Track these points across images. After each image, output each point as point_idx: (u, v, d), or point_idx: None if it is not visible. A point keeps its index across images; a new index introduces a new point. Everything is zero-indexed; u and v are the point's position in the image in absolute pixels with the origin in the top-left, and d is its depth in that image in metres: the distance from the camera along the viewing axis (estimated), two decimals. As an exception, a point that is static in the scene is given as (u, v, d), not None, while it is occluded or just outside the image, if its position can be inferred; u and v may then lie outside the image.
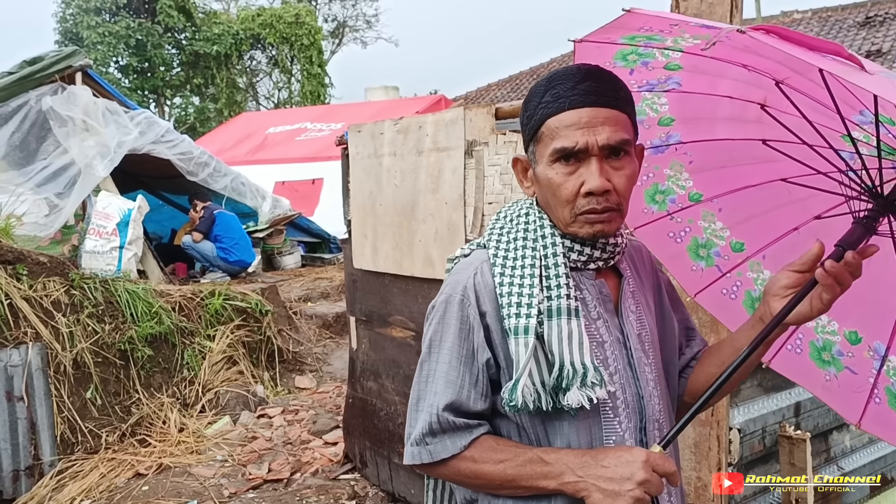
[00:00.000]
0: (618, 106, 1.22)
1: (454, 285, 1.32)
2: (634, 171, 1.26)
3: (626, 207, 1.26)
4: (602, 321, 1.31)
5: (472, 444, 1.27)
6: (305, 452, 4.51)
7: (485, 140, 3.20)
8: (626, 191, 1.24)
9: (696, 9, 2.19)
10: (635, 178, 1.26)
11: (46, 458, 4.36)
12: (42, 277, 4.67)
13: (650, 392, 1.32)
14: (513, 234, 1.32)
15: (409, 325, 3.75)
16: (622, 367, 1.30)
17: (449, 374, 1.28)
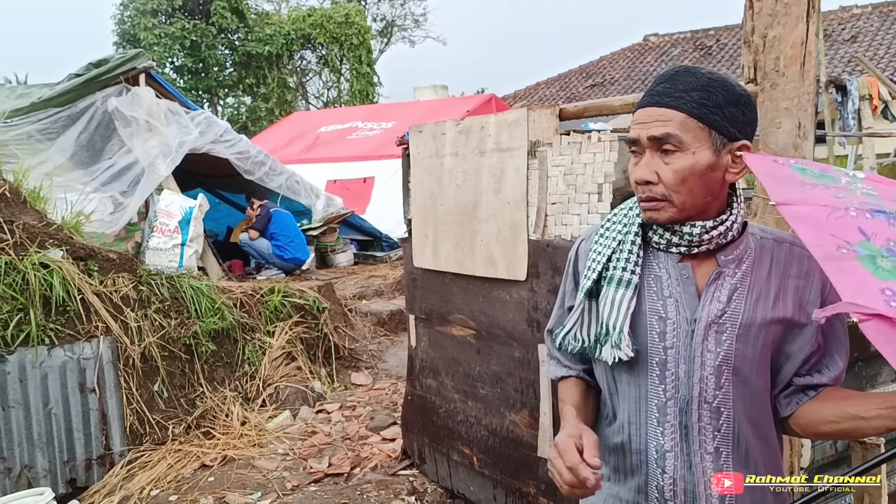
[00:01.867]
0: (678, 106, 1.36)
1: (575, 243, 1.68)
2: (688, 165, 1.37)
3: (679, 199, 1.39)
4: (673, 300, 1.46)
5: (562, 380, 1.66)
6: (364, 448, 4.59)
7: (548, 141, 3.22)
8: (674, 183, 1.38)
9: (770, 9, 2.18)
10: (693, 171, 1.37)
11: (117, 448, 4.52)
12: (112, 273, 4.83)
13: (705, 376, 1.43)
14: (619, 215, 1.55)
15: (469, 323, 3.79)
16: (681, 345, 1.44)
17: (556, 308, 1.70)
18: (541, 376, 3.31)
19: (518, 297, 3.42)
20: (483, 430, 3.74)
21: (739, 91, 1.40)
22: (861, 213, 1.21)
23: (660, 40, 22.71)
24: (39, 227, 4.74)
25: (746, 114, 1.40)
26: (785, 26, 2.17)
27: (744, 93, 1.41)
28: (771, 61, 2.22)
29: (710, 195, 1.40)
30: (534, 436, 3.39)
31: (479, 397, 3.76)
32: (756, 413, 1.45)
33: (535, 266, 3.30)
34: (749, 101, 1.41)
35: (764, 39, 2.22)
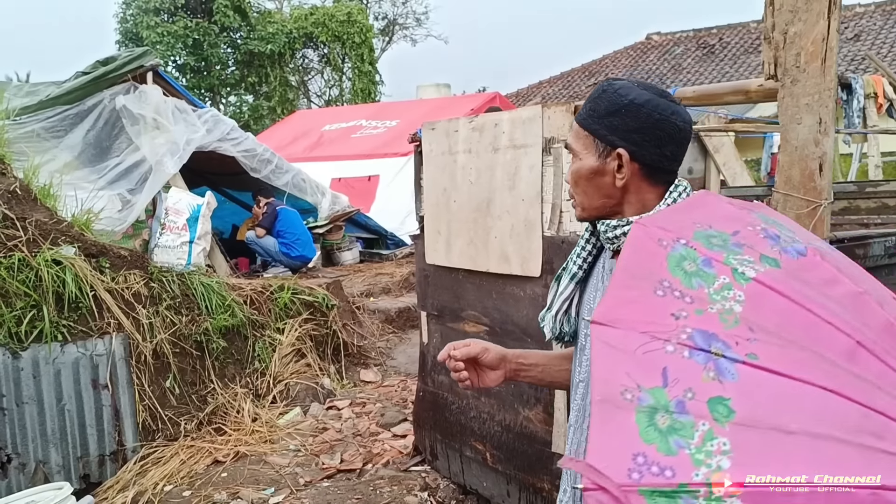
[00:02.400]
0: (577, 118, 1.53)
1: None
2: (575, 169, 1.51)
3: (578, 200, 1.53)
4: (600, 293, 1.57)
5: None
6: (375, 444, 4.60)
7: (564, 137, 3.24)
8: (571, 185, 1.53)
9: (791, 6, 2.20)
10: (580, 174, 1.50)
11: (129, 443, 4.53)
12: (123, 270, 4.85)
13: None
14: None
15: (482, 320, 3.80)
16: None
17: None
18: (555, 372, 3.33)
19: (532, 294, 3.43)
20: (496, 426, 3.76)
21: (625, 101, 1.43)
22: (682, 348, 1.00)
23: (662, 39, 22.72)
24: (51, 224, 4.76)
25: (628, 122, 1.43)
26: (806, 23, 2.18)
27: (629, 102, 1.43)
28: (791, 57, 2.24)
29: (605, 197, 1.49)
30: (548, 431, 3.41)
31: (492, 393, 3.78)
32: None
33: (549, 262, 3.31)
34: (632, 109, 1.42)
35: (784, 36, 2.23)
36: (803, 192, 2.23)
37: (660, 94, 1.44)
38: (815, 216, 2.22)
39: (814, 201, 2.21)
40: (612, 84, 1.48)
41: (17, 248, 4.38)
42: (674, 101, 1.46)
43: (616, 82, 1.48)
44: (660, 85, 9.41)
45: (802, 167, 2.23)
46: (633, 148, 1.44)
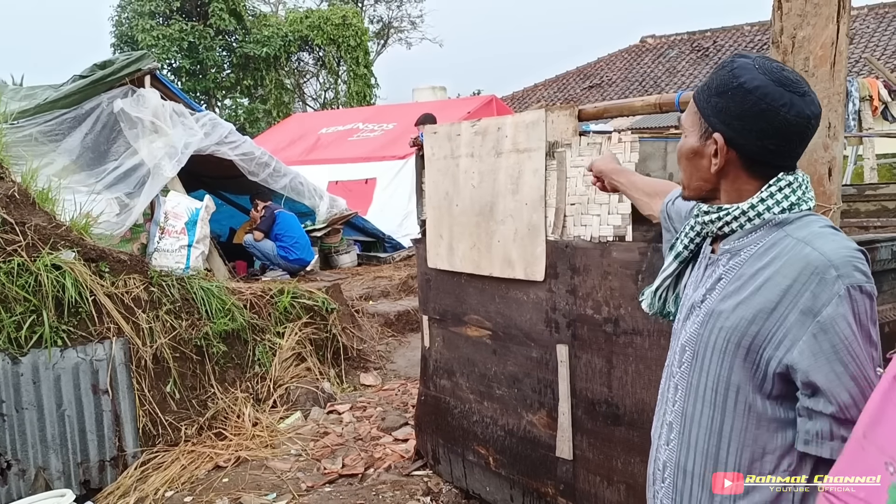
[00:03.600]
0: (695, 98, 1.47)
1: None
2: (681, 145, 1.49)
3: (681, 177, 1.53)
4: (694, 280, 1.59)
5: None
6: (377, 448, 4.59)
7: (567, 141, 3.23)
8: (678, 161, 1.51)
9: (800, 10, 2.20)
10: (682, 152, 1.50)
11: (130, 449, 4.51)
12: (123, 275, 4.83)
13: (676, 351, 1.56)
14: None
15: (485, 324, 3.79)
16: (680, 318, 1.59)
17: None
18: (560, 377, 3.32)
19: (536, 298, 3.43)
20: (499, 431, 3.75)
21: (734, 83, 1.36)
22: None
23: (657, 42, 22.77)
24: (50, 228, 4.74)
25: (732, 106, 1.36)
26: (815, 27, 2.18)
27: (737, 84, 1.36)
28: (800, 62, 2.24)
29: (701, 180, 1.46)
30: (552, 436, 3.40)
31: (495, 398, 3.77)
32: (715, 407, 1.43)
33: (553, 267, 3.31)
34: (739, 93, 1.35)
35: (793, 40, 2.23)
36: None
37: (779, 81, 1.34)
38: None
39: (824, 206, 2.21)
40: (734, 60, 1.40)
41: (17, 252, 4.36)
42: (797, 90, 1.34)
43: (738, 59, 1.39)
44: (655, 87, 9.48)
45: (812, 172, 2.24)
46: (732, 134, 1.37)
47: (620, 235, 3.02)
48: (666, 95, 2.83)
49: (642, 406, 2.99)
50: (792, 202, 1.39)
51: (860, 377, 1.26)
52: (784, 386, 1.34)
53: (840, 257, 1.28)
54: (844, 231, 4.72)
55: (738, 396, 1.39)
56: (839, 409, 1.25)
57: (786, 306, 1.30)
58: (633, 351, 3.00)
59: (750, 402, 1.37)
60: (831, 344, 1.25)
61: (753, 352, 1.35)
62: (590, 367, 3.20)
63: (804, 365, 1.27)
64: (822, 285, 1.27)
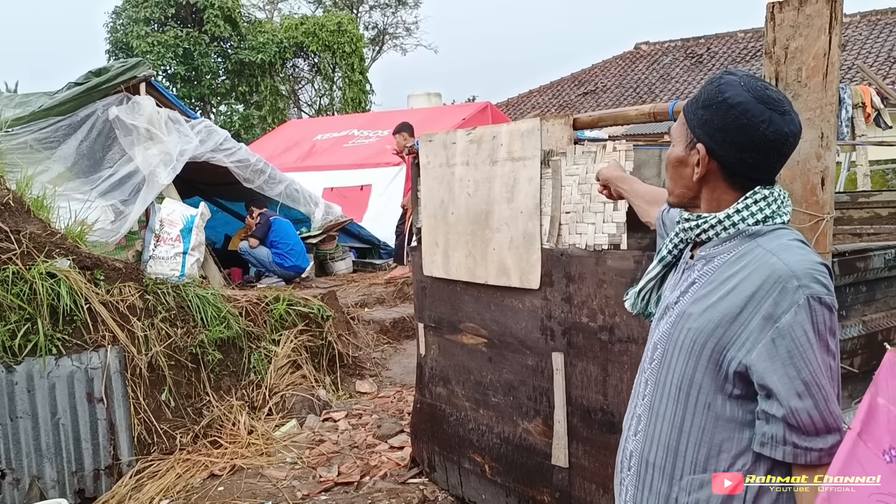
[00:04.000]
0: (684, 110, 1.54)
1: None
2: (668, 153, 1.56)
3: (668, 185, 1.60)
4: (672, 281, 1.65)
5: None
6: (372, 456, 4.58)
7: (562, 150, 3.25)
8: (666, 169, 1.58)
9: (792, 21, 2.22)
10: (669, 160, 1.57)
11: (125, 457, 4.50)
12: (118, 282, 4.82)
13: (649, 347, 1.63)
14: None
15: (480, 331, 3.80)
16: (656, 318, 1.66)
17: None
18: (555, 385, 3.33)
19: (531, 306, 3.44)
20: (495, 438, 3.75)
21: (720, 97, 1.44)
22: None
23: (651, 48, 22.86)
24: (45, 236, 4.73)
25: (716, 119, 1.43)
26: (807, 38, 2.20)
27: (722, 99, 1.43)
28: (793, 72, 2.26)
29: (684, 188, 1.54)
30: (547, 444, 3.40)
31: (490, 405, 3.78)
32: (678, 403, 1.50)
33: (548, 275, 3.32)
34: (723, 107, 1.42)
35: (785, 51, 2.25)
36: (805, 207, 2.25)
37: (761, 99, 1.41)
38: (817, 230, 2.24)
39: (816, 215, 2.22)
40: (722, 76, 1.48)
41: (11, 261, 4.35)
42: (777, 108, 1.41)
43: (726, 76, 1.47)
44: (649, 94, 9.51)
45: (804, 181, 2.25)
46: (714, 146, 1.45)
47: (615, 244, 3.03)
48: (660, 105, 2.85)
49: (637, 414, 3.01)
50: (766, 215, 1.47)
51: (812, 383, 1.32)
52: (744, 386, 1.41)
53: (802, 269, 1.35)
54: (837, 238, 4.73)
55: (699, 395, 1.47)
56: (789, 412, 1.32)
57: (749, 311, 1.38)
58: (628, 359, 3.01)
59: (710, 402, 1.45)
60: (787, 349, 1.33)
61: (717, 353, 1.43)
62: (585, 375, 3.21)
63: (760, 367, 1.35)
64: (784, 294, 1.34)
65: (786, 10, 2.23)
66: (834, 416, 1.34)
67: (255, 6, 31.35)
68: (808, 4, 2.18)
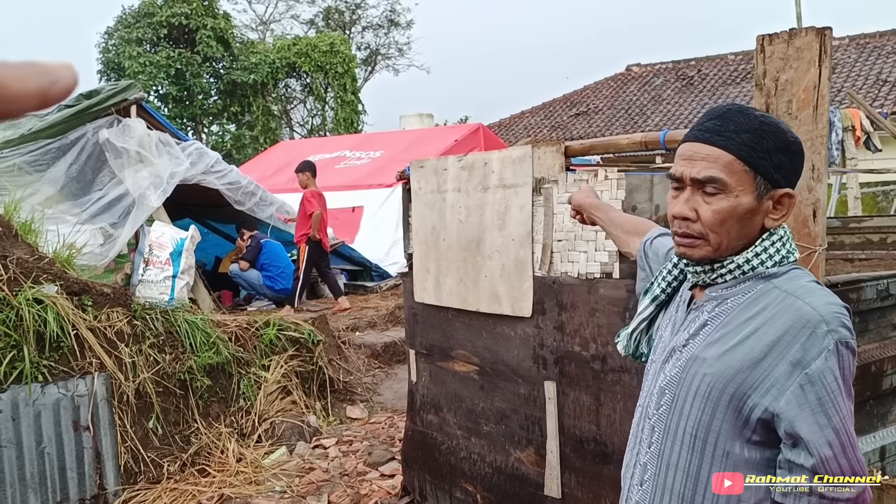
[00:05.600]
0: (727, 146, 1.37)
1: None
2: (729, 207, 1.38)
3: (716, 239, 1.40)
4: (672, 322, 1.58)
5: None
6: (363, 484, 4.53)
7: (554, 178, 3.24)
8: (713, 223, 1.39)
9: (782, 53, 2.22)
10: (733, 213, 1.38)
11: (111, 487, 4.43)
12: (106, 308, 4.77)
13: (653, 393, 1.54)
14: None
15: (472, 359, 3.77)
16: (659, 361, 1.56)
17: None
18: (548, 414, 3.30)
19: (523, 334, 3.41)
20: (487, 468, 3.71)
21: (790, 137, 1.41)
22: None
23: (642, 70, 23.03)
24: (32, 261, 4.68)
25: (794, 161, 1.41)
26: (797, 70, 2.20)
27: (794, 139, 1.42)
28: (783, 104, 2.25)
29: (744, 238, 1.42)
30: (540, 473, 3.37)
31: (482, 434, 3.74)
32: (693, 451, 1.43)
33: (540, 303, 3.30)
34: (798, 149, 1.42)
35: (776, 83, 2.25)
36: (798, 238, 2.24)
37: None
38: (810, 262, 2.23)
39: (808, 247, 2.21)
40: (767, 117, 1.43)
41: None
42: None
43: (769, 116, 1.44)
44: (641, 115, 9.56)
45: (796, 213, 2.25)
46: (792, 189, 1.43)
47: (607, 272, 3.02)
48: (651, 134, 2.85)
49: (631, 445, 2.97)
50: (783, 255, 1.43)
51: (842, 431, 1.28)
52: (765, 433, 1.36)
53: (830, 313, 1.30)
54: (829, 264, 4.72)
55: (717, 442, 1.40)
56: (819, 461, 1.27)
57: (774, 357, 1.32)
58: (621, 388, 2.98)
59: (728, 450, 1.39)
60: (817, 396, 1.28)
61: (737, 398, 1.36)
62: (578, 404, 3.18)
63: (790, 414, 1.29)
64: (813, 339, 1.29)
65: (776, 42, 2.23)
66: (861, 464, 1.29)
67: (247, 27, 31.58)
68: (797, 37, 2.18)
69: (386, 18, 33.68)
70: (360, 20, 33.66)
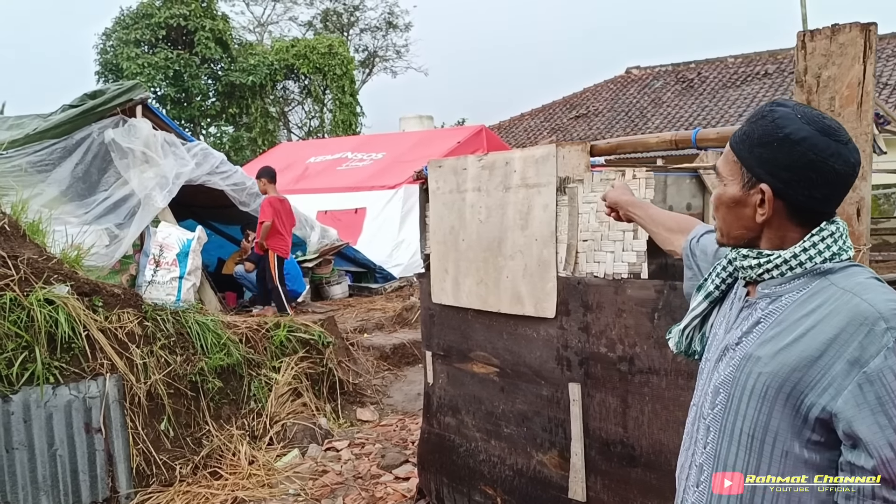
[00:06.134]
0: (733, 147, 1.45)
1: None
2: (718, 195, 1.48)
3: (717, 225, 1.51)
4: (725, 320, 1.55)
5: None
6: (377, 487, 4.48)
7: (579, 177, 3.20)
8: (713, 209, 1.50)
9: (825, 49, 2.19)
10: (721, 200, 1.47)
11: (123, 490, 4.37)
12: (116, 309, 4.72)
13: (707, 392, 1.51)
14: None
15: (492, 360, 3.73)
16: (712, 360, 1.53)
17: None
18: (572, 416, 3.26)
19: (546, 335, 3.37)
20: (508, 471, 3.67)
21: (780, 134, 1.34)
22: None
23: (642, 73, 23.04)
24: (42, 261, 4.63)
25: (779, 157, 1.34)
26: (840, 66, 2.17)
27: (783, 136, 1.34)
28: (826, 102, 2.22)
29: (743, 228, 1.44)
30: (564, 477, 3.33)
31: (503, 436, 3.70)
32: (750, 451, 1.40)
33: (564, 303, 3.26)
34: (786, 145, 1.34)
35: (818, 80, 2.22)
36: (841, 238, 2.21)
37: (823, 131, 1.33)
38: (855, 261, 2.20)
39: (854, 246, 2.18)
40: (773, 110, 1.38)
41: (9, 287, 4.24)
42: (840, 139, 1.34)
43: (778, 109, 1.38)
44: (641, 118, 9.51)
45: (840, 212, 2.21)
46: (780, 185, 1.36)
47: (635, 272, 2.98)
48: (682, 133, 2.81)
49: (660, 447, 2.94)
50: (834, 252, 1.38)
51: None
52: (825, 433, 1.32)
53: (889, 310, 1.26)
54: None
55: (775, 442, 1.37)
56: (880, 462, 1.23)
57: (832, 355, 1.28)
58: (649, 391, 2.94)
59: (787, 450, 1.35)
60: (876, 395, 1.24)
61: (794, 397, 1.32)
62: (604, 406, 3.14)
63: (848, 414, 1.25)
64: (871, 337, 1.25)
65: (817, 38, 2.20)
66: None
67: (245, 29, 31.50)
68: (841, 33, 2.15)
69: (384, 20, 33.70)
70: (359, 22, 33.66)
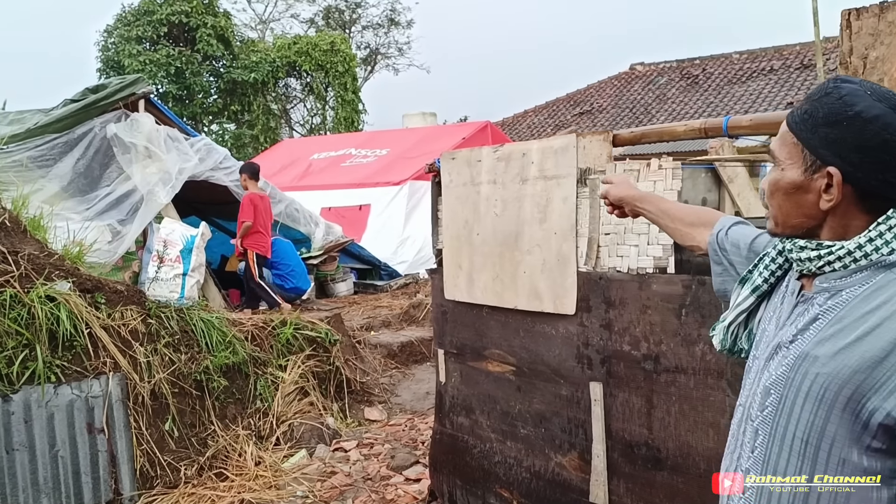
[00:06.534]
0: (788, 118, 1.33)
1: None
2: (774, 180, 1.34)
3: (772, 213, 1.37)
4: (776, 315, 1.43)
5: None
6: (388, 489, 4.36)
7: (601, 168, 3.08)
8: (767, 196, 1.37)
9: (872, 28, 2.06)
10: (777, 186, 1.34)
11: (127, 492, 4.25)
12: (119, 306, 4.60)
13: (756, 393, 1.39)
14: None
15: (508, 359, 3.60)
16: (762, 358, 1.41)
17: None
18: (593, 416, 3.14)
19: (566, 333, 3.25)
20: (525, 473, 3.55)
21: (849, 112, 1.22)
22: None
23: (646, 69, 22.90)
24: (43, 257, 4.51)
25: (848, 137, 1.22)
26: (889, 46, 2.04)
27: (854, 114, 1.22)
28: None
29: (803, 216, 1.31)
30: (584, 479, 3.20)
31: (519, 437, 3.57)
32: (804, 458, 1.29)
33: (585, 299, 3.14)
34: (857, 123, 1.22)
35: (864, 60, 2.09)
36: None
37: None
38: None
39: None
40: (839, 86, 1.25)
41: (9, 283, 4.12)
42: None
43: (844, 86, 1.25)
44: (645, 114, 9.36)
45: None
46: (849, 168, 1.23)
47: (661, 267, 2.86)
48: (712, 120, 2.69)
49: (687, 449, 2.81)
50: None
51: None
52: (888, 440, 1.20)
53: None
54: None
55: (831, 449, 1.25)
56: None
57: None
58: (675, 390, 2.82)
59: (844, 457, 1.24)
60: None
61: (855, 401, 1.21)
62: (627, 406, 3.02)
63: None
64: None
65: (864, 17, 2.07)
66: None
67: (247, 26, 31.38)
68: (890, 11, 2.03)
69: (386, 17, 33.58)
70: (361, 19, 33.54)
